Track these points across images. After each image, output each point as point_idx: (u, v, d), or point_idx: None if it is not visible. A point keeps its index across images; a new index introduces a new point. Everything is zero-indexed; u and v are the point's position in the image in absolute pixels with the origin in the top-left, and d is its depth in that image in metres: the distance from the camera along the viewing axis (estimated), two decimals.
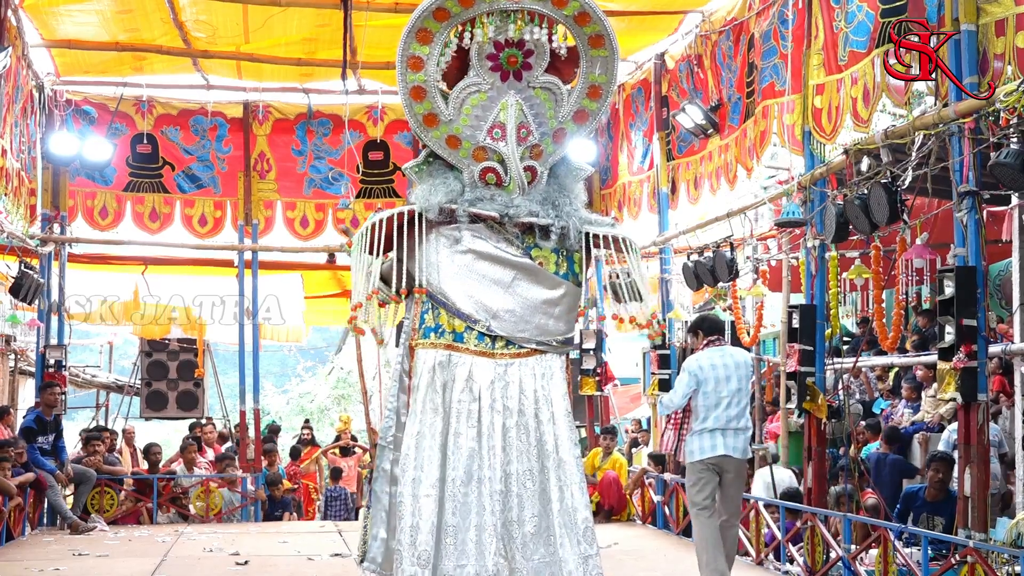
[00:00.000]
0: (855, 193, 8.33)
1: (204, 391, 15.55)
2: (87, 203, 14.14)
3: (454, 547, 5.27)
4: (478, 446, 5.37)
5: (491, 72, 5.50)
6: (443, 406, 5.42)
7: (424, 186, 5.64)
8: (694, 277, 11.34)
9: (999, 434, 9.09)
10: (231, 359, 17.25)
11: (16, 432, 12.02)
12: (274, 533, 11.72)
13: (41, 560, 9.58)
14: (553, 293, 5.58)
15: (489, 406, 5.41)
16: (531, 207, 5.53)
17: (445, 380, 5.45)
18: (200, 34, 12.54)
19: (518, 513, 5.35)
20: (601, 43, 5.50)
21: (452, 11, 5.36)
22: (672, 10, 11.91)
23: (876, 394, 12.99)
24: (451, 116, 5.54)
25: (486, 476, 5.34)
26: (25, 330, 16.02)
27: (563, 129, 5.63)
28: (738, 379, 7.55)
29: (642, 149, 13.27)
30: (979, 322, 7.28)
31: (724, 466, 7.56)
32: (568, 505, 5.38)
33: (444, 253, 5.51)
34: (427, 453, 5.35)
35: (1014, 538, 6.93)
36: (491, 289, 5.49)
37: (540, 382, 5.50)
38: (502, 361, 5.48)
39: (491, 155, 5.54)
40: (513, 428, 5.41)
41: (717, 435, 7.52)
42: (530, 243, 5.57)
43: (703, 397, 7.54)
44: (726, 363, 7.56)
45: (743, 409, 7.58)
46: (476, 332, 5.46)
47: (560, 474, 5.40)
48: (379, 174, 14.78)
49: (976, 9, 7.30)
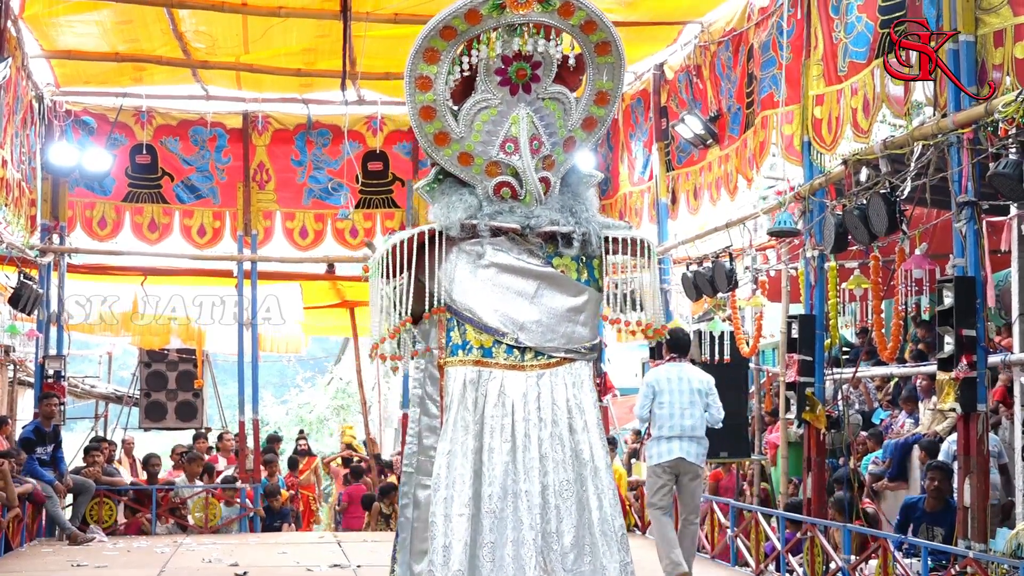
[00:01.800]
0: (854, 203, 8.33)
1: (203, 401, 15.57)
2: (86, 213, 14.14)
3: (492, 563, 5.21)
4: (512, 460, 5.33)
5: (500, 87, 5.50)
6: (475, 423, 5.38)
7: (440, 204, 5.60)
8: (693, 287, 11.34)
9: (998, 444, 9.08)
10: (230, 369, 17.24)
11: (15, 443, 12.01)
12: (273, 544, 11.70)
13: (40, 571, 9.58)
14: (577, 300, 5.57)
15: (523, 419, 5.37)
16: (551, 216, 5.53)
17: (476, 397, 5.41)
18: (200, 45, 12.55)
19: (556, 525, 5.32)
20: (608, 50, 5.51)
21: (459, 29, 5.35)
22: (671, 21, 11.93)
23: (875, 404, 12.98)
24: (462, 133, 5.52)
25: (522, 490, 5.29)
26: (24, 341, 15.97)
27: (573, 137, 5.64)
28: (691, 392, 8.51)
29: (643, 159, 13.28)
30: (978, 332, 7.28)
31: (680, 469, 8.48)
32: (607, 514, 5.36)
33: (467, 269, 5.49)
34: (459, 472, 5.31)
35: (1014, 549, 6.92)
36: (516, 301, 5.47)
37: (572, 391, 5.48)
38: (532, 373, 5.45)
39: (504, 169, 5.54)
40: (548, 439, 5.38)
41: (674, 441, 8.44)
42: (551, 252, 5.56)
43: (659, 407, 8.50)
44: (680, 377, 8.56)
45: (698, 420, 8.48)
46: (505, 346, 5.43)
47: (596, 482, 5.37)
48: (378, 184, 14.79)
49: (974, 20, 7.32)
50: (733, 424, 11.66)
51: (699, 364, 11.63)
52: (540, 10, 5.34)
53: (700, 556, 10.63)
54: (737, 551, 10.08)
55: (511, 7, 5.32)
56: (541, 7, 5.34)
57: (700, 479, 8.86)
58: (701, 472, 8.86)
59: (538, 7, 5.34)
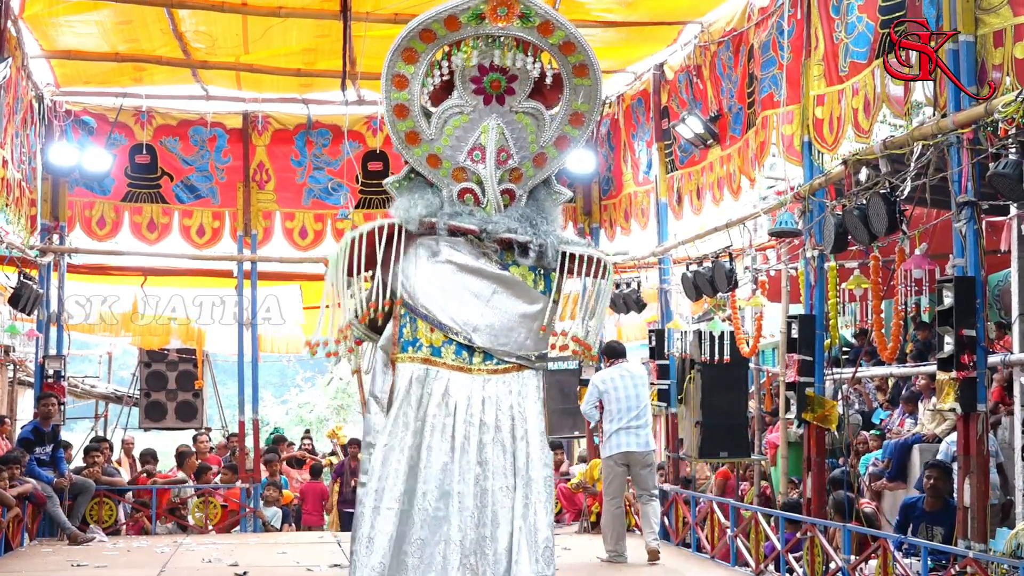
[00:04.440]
0: (854, 203, 8.34)
1: (203, 401, 15.54)
2: (85, 213, 14.12)
3: (419, 559, 5.30)
4: (451, 460, 5.39)
5: (474, 95, 5.58)
6: (416, 420, 5.43)
7: (404, 200, 5.69)
8: (693, 287, 11.34)
9: (995, 444, 9.08)
10: (230, 369, 17.23)
11: (14, 442, 12.01)
12: (273, 544, 11.70)
13: (40, 571, 9.58)
14: (531, 308, 5.62)
15: (464, 421, 5.43)
16: (509, 224, 5.61)
17: (422, 394, 5.46)
18: (200, 45, 12.55)
19: (492, 530, 5.38)
20: (585, 72, 5.58)
21: (438, 33, 5.43)
22: (671, 21, 11.93)
23: (875, 404, 12.99)
24: (433, 135, 5.62)
25: (456, 491, 5.35)
26: (24, 340, 15.99)
27: (544, 154, 5.72)
28: (636, 386, 9.92)
29: (647, 159, 13.28)
30: (978, 332, 7.28)
31: (629, 460, 9.86)
32: (531, 523, 5.41)
33: (423, 265, 5.55)
34: (393, 467, 5.38)
35: (1014, 549, 6.92)
36: (471, 302, 5.53)
37: (516, 399, 5.53)
38: (479, 377, 5.51)
39: (470, 176, 5.62)
40: (490, 444, 5.44)
41: (622, 434, 9.80)
42: (508, 260, 5.61)
43: (608, 404, 9.87)
44: (623, 375, 9.96)
45: (642, 410, 9.88)
46: (455, 346, 5.49)
47: (527, 492, 5.42)
48: (378, 185, 14.70)
49: (974, 20, 7.31)
50: (733, 424, 11.70)
51: (699, 364, 11.71)
52: (519, 26, 5.41)
53: (700, 556, 10.65)
54: (737, 551, 10.08)
55: (491, 19, 5.39)
56: (521, 23, 5.41)
57: (651, 466, 10.05)
58: (650, 459, 10.01)
59: (518, 22, 5.41)
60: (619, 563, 9.84)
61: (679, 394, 12.21)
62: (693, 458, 12.19)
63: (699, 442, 11.61)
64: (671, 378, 12.37)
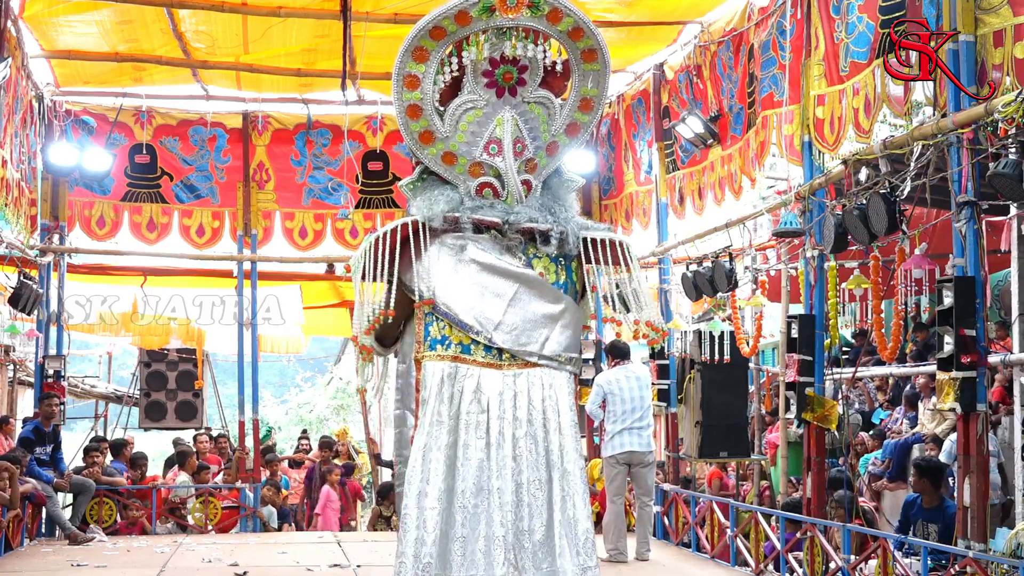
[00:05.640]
0: (854, 203, 8.34)
1: (203, 401, 15.56)
2: (84, 213, 14.12)
3: (463, 557, 5.27)
4: (487, 457, 5.37)
5: (487, 88, 5.55)
6: (450, 418, 5.42)
7: (423, 198, 5.67)
8: (693, 287, 11.34)
9: (996, 444, 9.09)
10: (230, 369, 17.24)
11: (15, 442, 12.00)
12: (273, 544, 11.69)
13: (40, 571, 9.58)
14: (554, 308, 5.58)
15: (498, 417, 5.41)
16: (531, 214, 5.57)
17: (453, 392, 5.45)
18: (200, 45, 12.54)
19: (529, 523, 5.36)
20: (594, 57, 5.56)
21: (448, 29, 5.40)
22: (671, 21, 11.92)
23: (875, 404, 13.00)
24: (447, 133, 5.59)
25: (495, 487, 5.34)
26: (24, 340, 16.01)
27: (556, 142, 5.69)
28: (640, 388, 9.99)
29: (648, 159, 13.28)
30: (978, 332, 7.28)
31: (631, 460, 9.93)
32: (570, 516, 5.39)
33: (448, 263, 5.52)
34: (433, 465, 5.36)
35: (1013, 548, 6.92)
36: (493, 302, 5.49)
37: (547, 391, 5.50)
38: (509, 372, 5.48)
39: (487, 170, 5.59)
40: (523, 438, 5.42)
41: (625, 434, 9.88)
42: (532, 253, 5.59)
43: (612, 404, 9.94)
44: (628, 376, 10.03)
45: (645, 411, 9.96)
46: (483, 345, 5.48)
47: (564, 484, 5.41)
48: (378, 184, 14.77)
49: (974, 20, 7.32)
50: (733, 424, 11.71)
51: (699, 364, 11.71)
52: (529, 15, 5.39)
53: (700, 556, 10.65)
54: (737, 551, 10.08)
55: (500, 10, 5.37)
56: (530, 12, 5.39)
57: (651, 465, 10.12)
58: (650, 458, 10.07)
59: (527, 12, 5.39)
60: (619, 562, 9.85)
61: (679, 394, 12.22)
62: (693, 458, 12.19)
63: (699, 442, 11.62)
64: (671, 378, 12.37)
